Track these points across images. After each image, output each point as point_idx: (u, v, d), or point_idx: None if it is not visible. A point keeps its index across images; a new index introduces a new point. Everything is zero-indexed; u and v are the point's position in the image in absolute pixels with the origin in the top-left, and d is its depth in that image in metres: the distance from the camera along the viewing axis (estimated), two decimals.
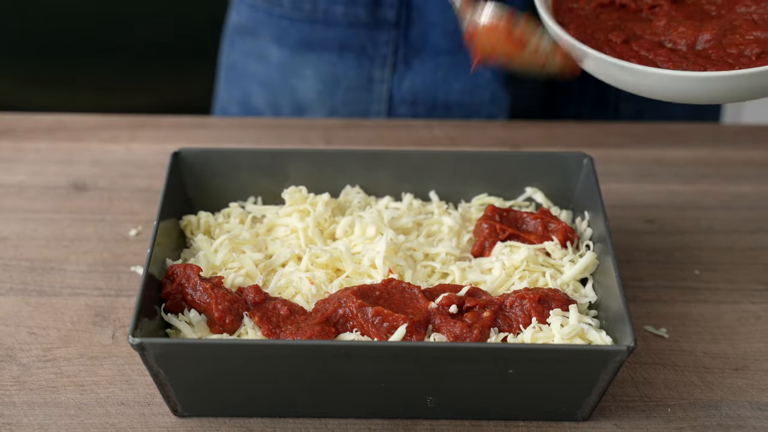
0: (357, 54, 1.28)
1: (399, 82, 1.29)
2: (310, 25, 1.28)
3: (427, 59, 1.27)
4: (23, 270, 1.01)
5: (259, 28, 1.31)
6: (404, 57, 1.27)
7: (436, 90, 1.29)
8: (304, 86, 1.32)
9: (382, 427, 0.85)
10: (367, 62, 1.28)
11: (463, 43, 1.25)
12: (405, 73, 1.28)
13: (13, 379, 0.89)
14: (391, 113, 1.31)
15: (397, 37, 1.26)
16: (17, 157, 1.19)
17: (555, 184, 1.01)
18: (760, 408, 0.88)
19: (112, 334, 0.94)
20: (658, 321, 0.96)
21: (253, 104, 1.35)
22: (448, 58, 1.27)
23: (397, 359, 0.81)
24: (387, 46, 1.27)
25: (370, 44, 1.27)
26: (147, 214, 1.09)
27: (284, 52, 1.31)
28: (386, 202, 1.01)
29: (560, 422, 0.86)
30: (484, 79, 1.28)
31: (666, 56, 0.89)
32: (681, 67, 0.88)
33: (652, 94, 0.90)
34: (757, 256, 1.05)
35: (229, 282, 0.90)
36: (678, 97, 0.88)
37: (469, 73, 1.28)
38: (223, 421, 0.85)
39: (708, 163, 1.20)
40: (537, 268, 0.92)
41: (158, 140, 1.22)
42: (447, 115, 1.30)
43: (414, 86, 1.29)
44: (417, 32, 1.26)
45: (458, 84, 1.29)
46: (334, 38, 1.28)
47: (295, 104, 1.34)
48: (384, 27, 1.26)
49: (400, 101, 1.30)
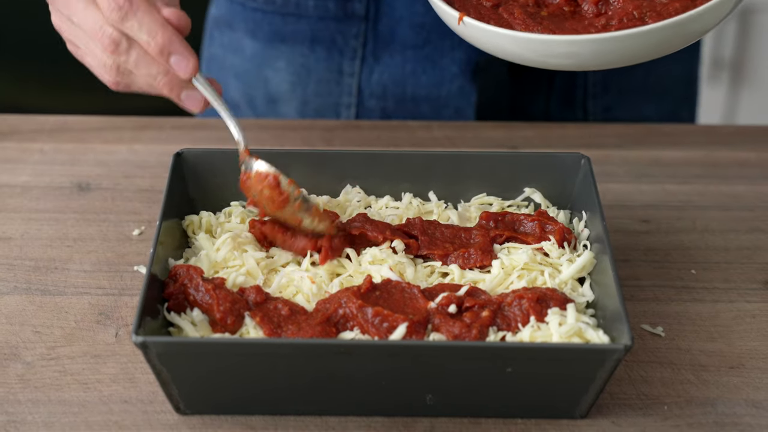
0: (327, 47, 1.29)
1: (368, 75, 1.30)
2: (282, 17, 1.29)
3: (395, 53, 1.29)
4: (27, 269, 1.02)
5: (235, 20, 1.33)
6: (373, 50, 1.29)
7: (405, 83, 1.30)
8: (277, 78, 1.33)
9: (382, 425, 0.85)
10: (337, 55, 1.29)
11: (431, 38, 1.27)
12: (374, 66, 1.29)
13: (17, 377, 0.90)
14: (360, 106, 1.32)
15: (366, 31, 1.27)
16: (22, 157, 1.20)
17: (553, 185, 1.02)
18: (755, 406, 0.88)
19: (116, 332, 0.94)
20: (655, 320, 0.97)
21: (230, 97, 1.36)
22: (416, 52, 1.28)
23: (396, 358, 0.82)
24: (356, 39, 1.28)
25: (340, 37, 1.28)
26: (150, 214, 1.10)
27: (257, 44, 1.32)
28: (386, 201, 1.02)
29: (558, 420, 0.86)
30: (451, 73, 1.29)
31: (521, 19, 0.93)
32: (532, 31, 0.92)
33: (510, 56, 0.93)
34: (752, 255, 1.06)
35: (231, 281, 0.91)
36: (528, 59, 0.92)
37: (436, 68, 1.29)
38: (225, 418, 0.86)
39: (703, 163, 1.21)
40: (535, 266, 0.93)
41: (161, 141, 1.23)
42: (416, 109, 1.31)
43: (383, 79, 1.30)
44: (385, 26, 1.27)
45: (426, 78, 1.30)
46: (305, 31, 1.29)
47: (268, 96, 1.35)
48: (353, 20, 1.27)
49: (369, 94, 1.31)
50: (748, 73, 2.48)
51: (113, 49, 0.91)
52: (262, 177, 0.93)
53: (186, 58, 0.91)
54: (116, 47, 0.91)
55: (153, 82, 0.93)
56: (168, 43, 0.90)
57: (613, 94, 1.36)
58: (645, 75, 1.36)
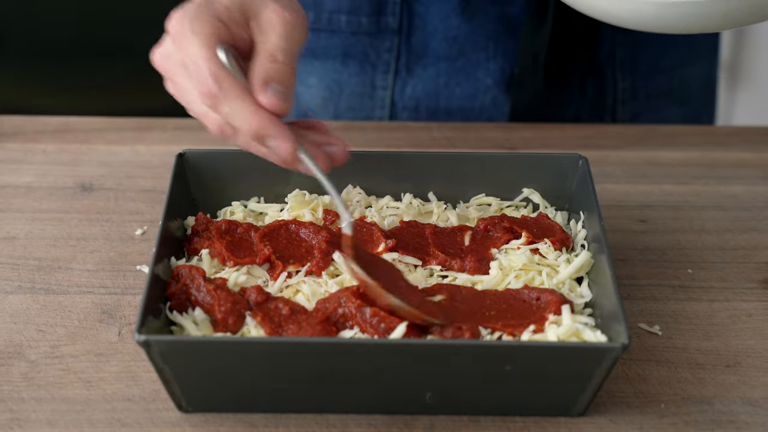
0: (360, 61, 1.29)
1: (401, 88, 1.29)
2: (315, 33, 1.28)
3: (428, 65, 1.28)
4: (31, 269, 1.03)
5: None
6: (406, 63, 1.28)
7: (438, 96, 1.30)
8: (309, 94, 1.32)
9: (382, 423, 0.86)
10: (369, 69, 1.29)
11: (464, 50, 1.26)
12: (407, 79, 1.29)
13: (21, 376, 0.90)
14: (393, 119, 1.31)
15: (399, 44, 1.27)
16: (25, 158, 1.20)
17: (551, 185, 1.02)
18: (751, 404, 0.88)
19: (119, 331, 0.95)
20: (652, 319, 0.97)
21: None
22: (450, 64, 1.28)
23: (396, 356, 0.82)
24: (389, 53, 1.27)
25: (373, 51, 1.28)
26: (152, 214, 1.10)
27: None
28: (386, 201, 1.03)
29: (556, 417, 0.86)
30: (485, 85, 1.29)
31: None
32: None
33: None
34: (748, 255, 1.06)
35: (232, 281, 0.91)
36: None
37: (470, 80, 1.28)
38: (226, 416, 0.86)
39: (700, 164, 1.22)
40: (533, 266, 0.94)
41: (163, 142, 1.24)
42: (449, 122, 1.31)
43: (416, 92, 1.30)
44: (418, 39, 1.27)
45: (459, 90, 1.29)
46: (337, 46, 1.28)
47: (300, 111, 1.35)
48: (386, 34, 1.27)
49: (402, 107, 1.31)
50: (745, 74, 2.49)
51: (218, 131, 0.89)
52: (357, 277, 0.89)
53: (282, 142, 0.86)
54: (221, 131, 0.89)
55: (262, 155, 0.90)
56: (260, 131, 0.85)
57: (641, 100, 1.36)
58: (669, 80, 1.36)
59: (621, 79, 1.33)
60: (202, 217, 0.98)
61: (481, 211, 1.01)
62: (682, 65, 1.37)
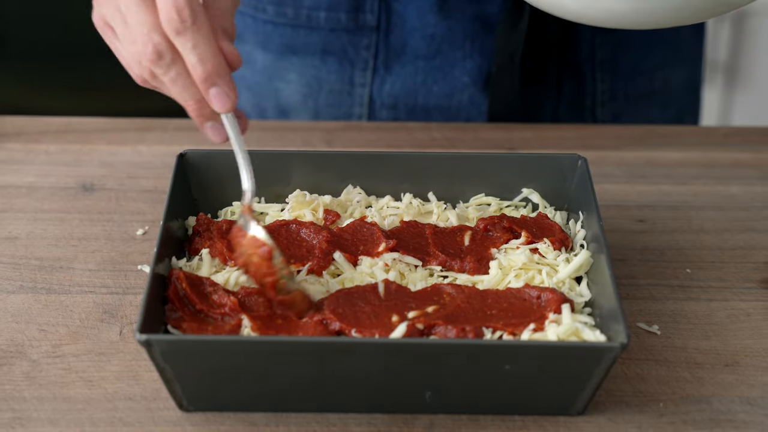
0: (338, 58, 1.29)
1: (380, 86, 1.30)
2: (293, 29, 1.29)
3: (406, 63, 1.29)
4: (33, 268, 1.03)
5: (246, 32, 1.33)
6: (384, 61, 1.29)
7: (416, 94, 1.30)
8: (288, 90, 1.33)
9: (382, 422, 0.86)
10: (348, 66, 1.29)
11: (442, 48, 1.27)
12: (385, 77, 1.29)
13: (23, 375, 0.90)
14: (372, 117, 1.32)
15: (378, 42, 1.27)
16: (27, 158, 1.21)
17: (551, 185, 1.03)
18: (750, 403, 0.89)
19: (120, 331, 0.95)
20: (651, 318, 0.98)
21: (241, 108, 1.36)
22: (428, 62, 1.28)
23: (396, 356, 0.82)
24: (368, 51, 1.27)
25: (352, 49, 1.28)
26: (153, 214, 1.11)
27: (269, 56, 1.32)
28: (386, 201, 1.03)
29: (555, 416, 0.86)
30: (462, 83, 1.29)
31: None
32: None
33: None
34: (746, 255, 1.06)
35: (233, 281, 0.92)
36: None
37: (447, 78, 1.29)
38: (227, 415, 0.86)
39: (698, 164, 1.22)
40: (533, 266, 0.94)
41: (164, 142, 1.24)
42: (427, 119, 1.31)
43: (394, 90, 1.30)
44: (396, 37, 1.27)
45: (437, 88, 1.30)
46: (316, 43, 1.29)
47: (279, 108, 1.35)
48: (365, 31, 1.27)
49: (380, 105, 1.31)
50: (742, 75, 2.49)
51: (154, 59, 0.86)
52: (257, 244, 0.89)
53: (227, 94, 0.87)
54: (158, 59, 0.86)
55: (182, 100, 0.89)
56: (215, 73, 0.86)
57: (620, 102, 1.36)
58: (651, 81, 1.36)
59: (601, 80, 1.34)
60: (203, 217, 0.98)
61: (480, 211, 1.02)
62: (664, 67, 1.37)
